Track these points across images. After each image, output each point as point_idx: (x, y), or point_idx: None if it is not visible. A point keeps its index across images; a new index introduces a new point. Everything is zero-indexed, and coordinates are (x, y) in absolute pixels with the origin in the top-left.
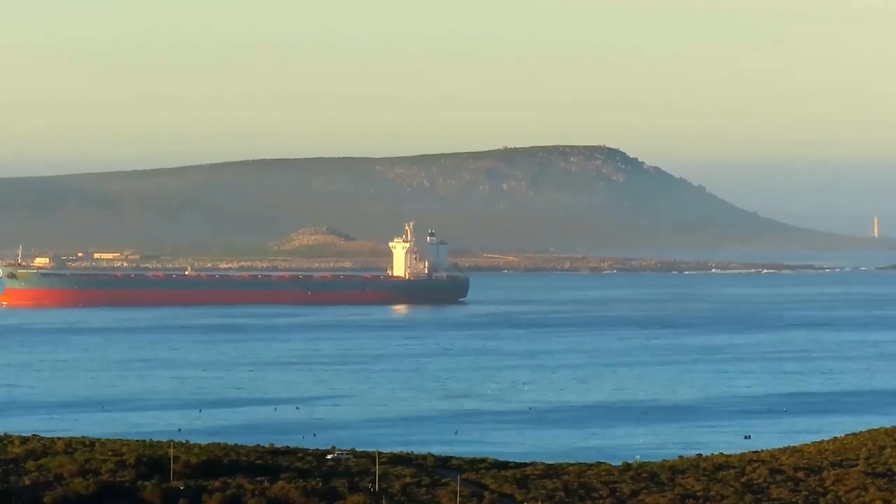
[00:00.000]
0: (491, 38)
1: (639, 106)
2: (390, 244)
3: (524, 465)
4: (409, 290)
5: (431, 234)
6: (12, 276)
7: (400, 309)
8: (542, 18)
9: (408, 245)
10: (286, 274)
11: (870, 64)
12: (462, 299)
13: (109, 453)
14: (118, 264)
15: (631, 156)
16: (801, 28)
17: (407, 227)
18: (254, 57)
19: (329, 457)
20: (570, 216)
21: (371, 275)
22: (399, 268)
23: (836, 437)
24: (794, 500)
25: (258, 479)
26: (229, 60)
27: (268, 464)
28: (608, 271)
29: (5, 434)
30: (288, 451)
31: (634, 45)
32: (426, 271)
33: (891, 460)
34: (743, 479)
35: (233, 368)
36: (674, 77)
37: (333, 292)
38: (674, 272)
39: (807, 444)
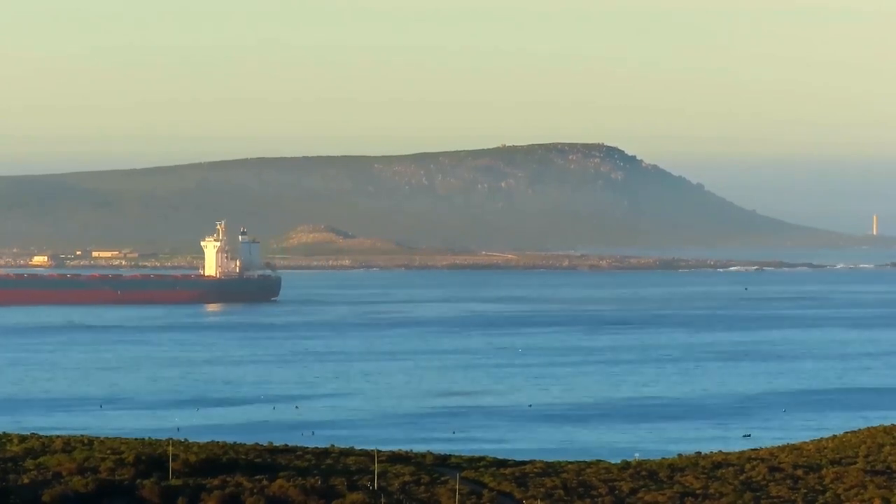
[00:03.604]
0: (491, 45)
1: (637, 104)
2: (202, 243)
3: (523, 463)
4: (221, 290)
5: (243, 234)
6: None
7: (212, 308)
8: (543, 25)
9: (219, 244)
10: (96, 273)
11: (869, 65)
12: (274, 298)
13: (108, 451)
14: (117, 263)
15: (629, 154)
16: (802, 30)
17: (219, 226)
18: (254, 62)
19: None
20: (568, 214)
21: (182, 274)
22: (210, 267)
23: (835, 435)
24: (793, 497)
25: (257, 477)
26: (230, 64)
27: (266, 462)
28: (607, 269)
29: (4, 433)
30: (287, 450)
31: (634, 46)
32: (237, 270)
33: (889, 458)
34: (742, 477)
35: None
36: (672, 76)
37: (144, 291)
38: (672, 270)
39: (806, 442)
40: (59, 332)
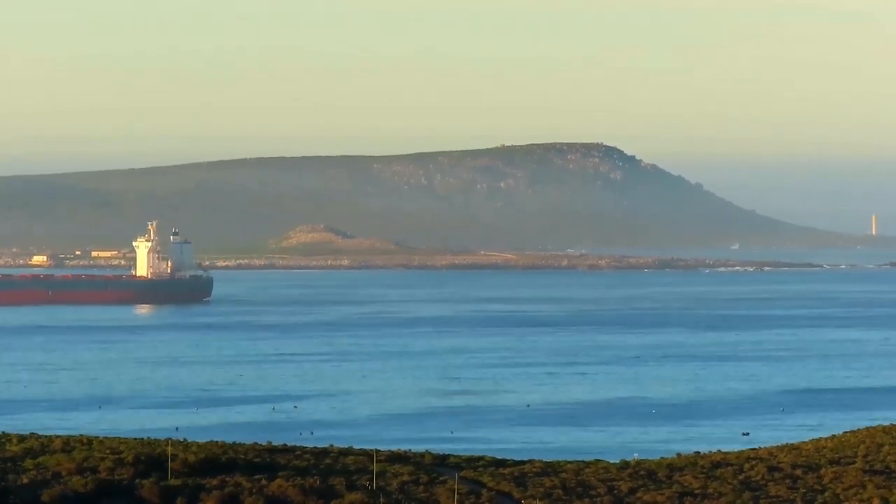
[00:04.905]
0: (490, 46)
1: (636, 104)
2: (133, 243)
3: (522, 462)
4: (152, 290)
5: (175, 234)
6: None
7: (143, 309)
8: (543, 27)
9: (150, 244)
10: (27, 274)
11: (869, 66)
12: (206, 299)
13: (107, 451)
14: (116, 263)
15: (628, 153)
16: (801, 31)
17: (150, 227)
18: (255, 64)
19: None
20: (567, 214)
21: (113, 274)
22: (142, 267)
23: (834, 435)
24: (791, 497)
25: (256, 477)
26: (230, 66)
27: (265, 462)
28: (606, 269)
29: (3, 433)
30: (286, 450)
31: (633, 47)
32: (169, 271)
33: (888, 458)
34: (741, 477)
35: None
36: (671, 77)
37: (75, 292)
38: (668, 270)
39: (805, 442)
40: None
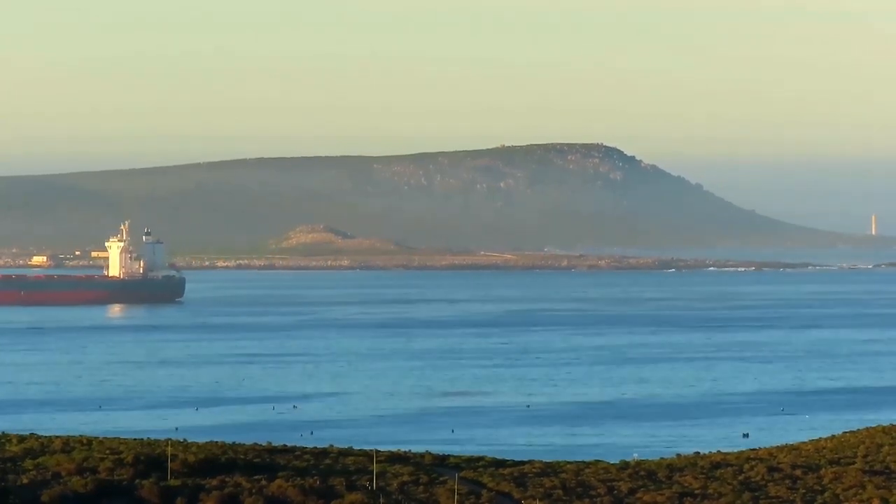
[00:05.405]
0: (490, 47)
1: (636, 105)
2: (106, 244)
3: (522, 463)
4: (124, 290)
5: (147, 234)
6: None
7: (115, 309)
8: (544, 28)
9: (122, 244)
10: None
11: (868, 66)
12: (179, 299)
13: (107, 452)
14: None
15: (628, 154)
16: (800, 31)
17: (123, 227)
18: (255, 64)
19: None
20: (567, 214)
21: (86, 275)
22: (114, 267)
23: (833, 435)
24: (791, 497)
25: (256, 477)
26: (230, 67)
27: (265, 462)
28: (606, 269)
29: (3, 433)
30: (285, 450)
31: (633, 48)
32: (141, 271)
33: (888, 458)
34: (741, 477)
35: None
36: (671, 77)
37: (48, 292)
38: (671, 270)
39: (804, 442)
40: None
